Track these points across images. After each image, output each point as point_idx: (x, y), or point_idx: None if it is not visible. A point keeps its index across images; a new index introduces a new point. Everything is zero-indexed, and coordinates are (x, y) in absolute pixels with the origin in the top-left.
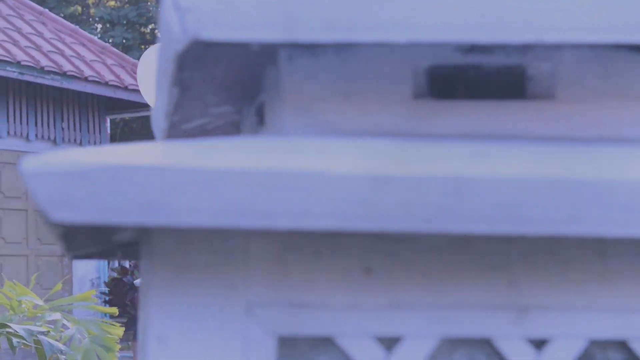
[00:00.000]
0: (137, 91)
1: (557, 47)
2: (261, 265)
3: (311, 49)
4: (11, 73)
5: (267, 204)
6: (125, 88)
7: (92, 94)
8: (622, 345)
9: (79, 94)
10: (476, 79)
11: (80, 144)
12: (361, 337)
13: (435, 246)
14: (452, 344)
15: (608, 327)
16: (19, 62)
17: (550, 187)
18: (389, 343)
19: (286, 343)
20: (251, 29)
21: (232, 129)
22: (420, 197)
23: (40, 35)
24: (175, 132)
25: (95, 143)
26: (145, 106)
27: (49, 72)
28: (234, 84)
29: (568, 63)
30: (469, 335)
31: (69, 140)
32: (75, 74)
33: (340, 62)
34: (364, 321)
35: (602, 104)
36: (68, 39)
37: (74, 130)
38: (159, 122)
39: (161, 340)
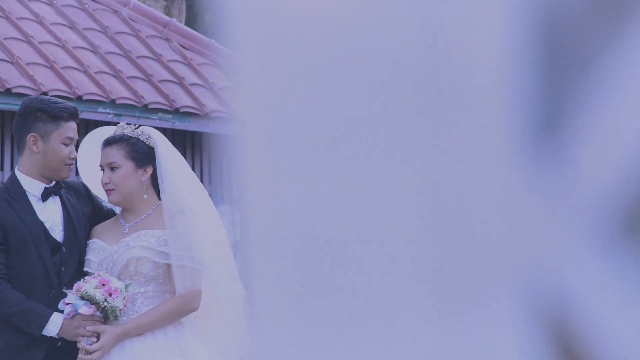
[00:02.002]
0: None
1: None
2: None
3: None
4: (105, 115)
5: None
6: None
7: (217, 135)
8: None
9: (199, 135)
10: None
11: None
12: None
13: None
14: None
15: None
16: (113, 101)
17: None
18: None
19: None
20: None
21: None
22: None
23: (158, 58)
24: None
25: None
26: None
27: (156, 110)
28: None
29: None
30: None
31: None
32: (193, 110)
33: None
34: None
35: None
36: (197, 59)
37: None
38: None
39: None
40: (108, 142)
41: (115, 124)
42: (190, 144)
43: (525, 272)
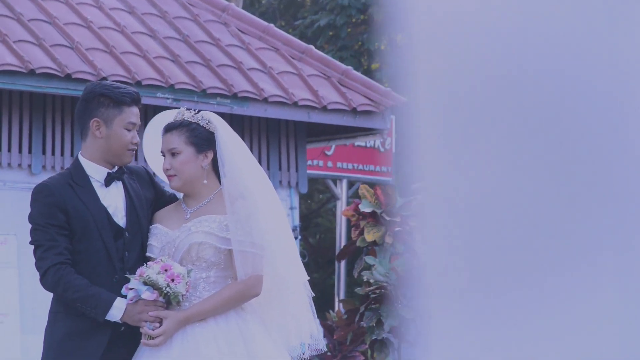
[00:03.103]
0: (341, 112)
1: None
2: None
3: None
4: (163, 100)
5: None
6: (324, 108)
7: (275, 120)
8: None
9: (257, 120)
10: None
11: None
12: None
13: None
14: None
15: None
16: (172, 86)
17: None
18: None
19: None
20: None
21: None
22: None
23: (216, 42)
24: None
25: (290, 183)
26: (357, 130)
27: (214, 94)
28: None
29: None
30: None
31: None
32: (251, 95)
33: None
34: None
35: None
36: (255, 44)
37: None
38: None
39: None
40: (168, 128)
41: (174, 109)
42: (248, 129)
43: None
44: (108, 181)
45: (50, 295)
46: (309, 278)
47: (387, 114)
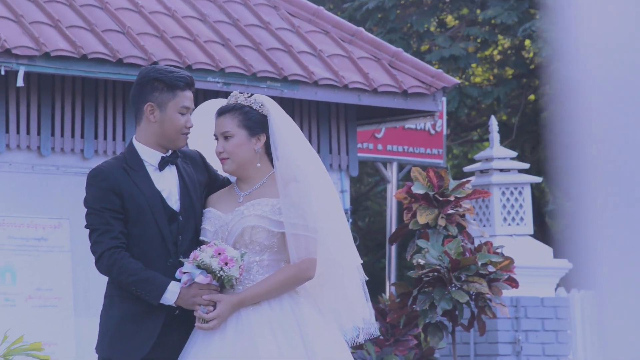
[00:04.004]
0: (391, 94)
1: None
2: None
3: None
4: (214, 84)
5: None
6: (374, 91)
7: (326, 103)
8: None
9: (307, 104)
10: None
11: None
12: None
13: None
14: None
15: None
16: (222, 70)
17: None
18: None
19: None
20: None
21: None
22: None
23: (266, 26)
24: None
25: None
26: (408, 113)
27: (265, 78)
28: None
29: None
30: None
31: None
32: (301, 78)
33: None
34: None
35: None
36: (305, 27)
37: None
38: None
39: None
40: (221, 112)
41: (225, 93)
42: (298, 112)
43: None
44: (162, 165)
45: (103, 278)
46: (362, 261)
47: (438, 95)
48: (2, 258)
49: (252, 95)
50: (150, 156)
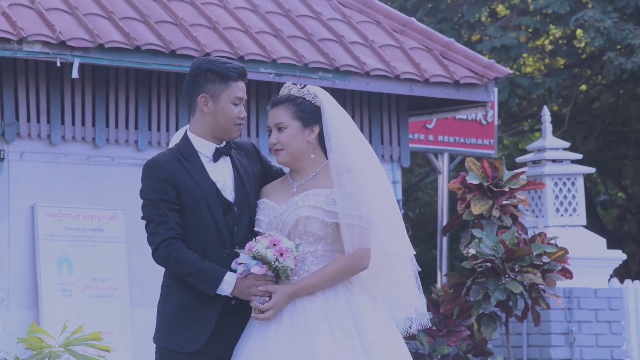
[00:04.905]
0: (443, 84)
1: None
2: None
3: None
4: (266, 75)
5: None
6: (426, 81)
7: (377, 93)
8: None
9: (359, 94)
10: None
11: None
12: None
13: None
14: None
15: None
16: (274, 61)
17: None
18: None
19: None
20: None
21: None
22: None
23: (318, 16)
24: None
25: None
26: (459, 103)
27: (316, 69)
28: None
29: None
30: None
31: None
32: (353, 69)
33: None
34: None
35: None
36: (356, 17)
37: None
38: None
39: None
40: (275, 103)
41: (277, 84)
42: (350, 103)
43: None
44: (216, 156)
45: (158, 269)
46: (415, 252)
47: (490, 86)
48: (59, 249)
49: (305, 86)
50: (204, 147)
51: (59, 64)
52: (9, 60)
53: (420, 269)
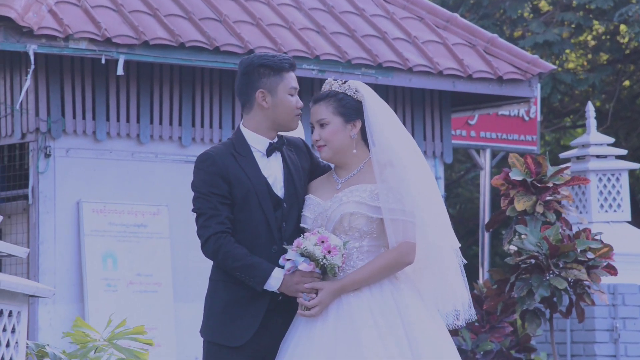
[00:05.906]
0: (486, 80)
1: None
2: None
3: None
4: (309, 72)
5: None
6: (469, 77)
7: (420, 89)
8: None
9: (401, 90)
10: None
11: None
12: None
13: None
14: None
15: None
16: (317, 57)
17: None
18: None
19: None
20: None
21: None
22: None
23: (360, 13)
24: None
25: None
26: (502, 99)
27: (359, 65)
28: None
29: None
30: None
31: None
32: (396, 65)
33: None
34: None
35: None
36: (399, 13)
37: None
38: None
39: None
40: (316, 100)
41: (319, 80)
42: (392, 99)
43: None
44: (269, 151)
45: (201, 264)
46: (460, 245)
47: (534, 82)
48: (103, 244)
49: (346, 81)
50: (258, 142)
51: (104, 61)
52: (55, 58)
53: (466, 262)
